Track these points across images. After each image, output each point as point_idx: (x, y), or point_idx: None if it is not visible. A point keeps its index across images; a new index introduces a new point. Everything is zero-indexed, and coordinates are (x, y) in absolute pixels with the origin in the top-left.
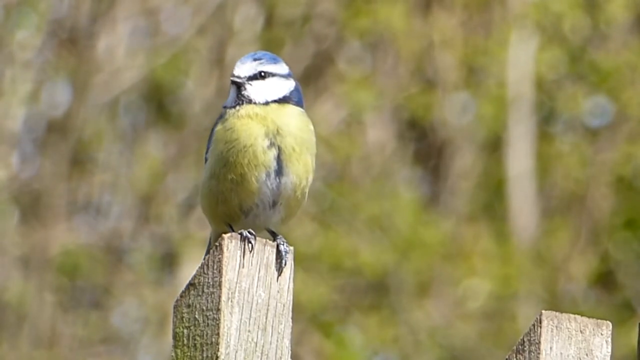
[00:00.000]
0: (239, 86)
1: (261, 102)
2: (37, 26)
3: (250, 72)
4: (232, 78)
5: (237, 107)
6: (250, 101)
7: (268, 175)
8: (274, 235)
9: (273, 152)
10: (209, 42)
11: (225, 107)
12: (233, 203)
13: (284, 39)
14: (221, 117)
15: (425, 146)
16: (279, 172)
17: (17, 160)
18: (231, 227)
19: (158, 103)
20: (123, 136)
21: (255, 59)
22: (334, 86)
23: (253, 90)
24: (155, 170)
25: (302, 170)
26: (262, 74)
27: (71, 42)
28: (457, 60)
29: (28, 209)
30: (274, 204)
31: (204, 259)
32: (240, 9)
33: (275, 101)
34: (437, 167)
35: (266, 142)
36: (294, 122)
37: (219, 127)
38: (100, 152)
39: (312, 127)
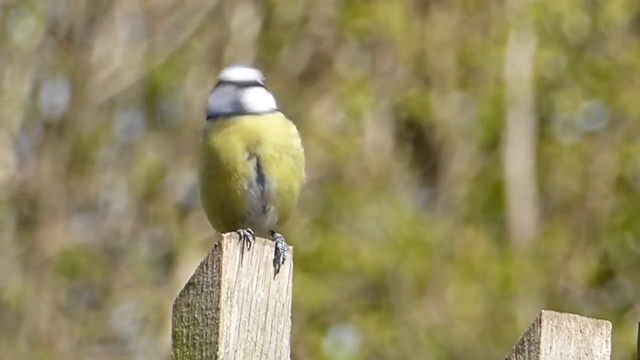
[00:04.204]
0: (240, 88)
1: (255, 111)
2: (35, 26)
3: (245, 78)
4: (230, 80)
5: (229, 119)
6: (243, 111)
7: (250, 184)
8: (272, 234)
9: (252, 163)
10: (207, 43)
11: (210, 117)
12: (228, 212)
13: (281, 41)
14: (205, 131)
15: (423, 146)
16: (260, 179)
17: (15, 160)
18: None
19: (156, 104)
20: (121, 137)
21: (244, 67)
22: (333, 87)
23: (248, 97)
24: (154, 170)
25: (281, 175)
26: (255, 82)
27: (69, 42)
28: (455, 60)
29: (26, 209)
30: (264, 209)
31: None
32: (237, 10)
33: (265, 112)
34: (436, 167)
35: (246, 155)
36: (275, 131)
37: (200, 141)
38: (99, 152)
39: (294, 131)
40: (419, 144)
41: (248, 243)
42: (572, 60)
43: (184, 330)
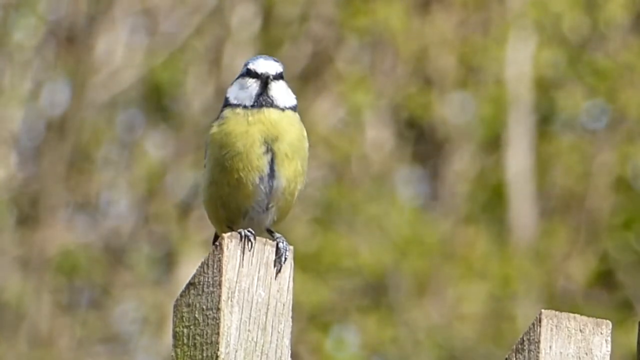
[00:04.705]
0: (266, 83)
1: (280, 106)
2: (35, 26)
3: (274, 71)
4: (255, 72)
5: (252, 109)
6: (271, 104)
7: (261, 179)
8: (272, 234)
9: (267, 158)
10: (207, 41)
11: (230, 106)
12: (232, 206)
13: (282, 39)
14: (218, 119)
15: (424, 146)
16: (271, 175)
17: (16, 160)
18: (232, 229)
19: (156, 103)
20: (122, 136)
21: (274, 60)
22: (333, 85)
23: (276, 91)
24: (154, 170)
25: (291, 174)
26: (280, 75)
27: (70, 42)
28: (455, 59)
29: (27, 209)
30: (267, 206)
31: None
32: (237, 8)
33: (289, 108)
34: (436, 167)
35: (263, 149)
36: (294, 131)
37: (214, 130)
38: (99, 152)
39: (305, 134)
40: (420, 143)
41: (249, 244)
42: (572, 60)
43: (185, 330)
